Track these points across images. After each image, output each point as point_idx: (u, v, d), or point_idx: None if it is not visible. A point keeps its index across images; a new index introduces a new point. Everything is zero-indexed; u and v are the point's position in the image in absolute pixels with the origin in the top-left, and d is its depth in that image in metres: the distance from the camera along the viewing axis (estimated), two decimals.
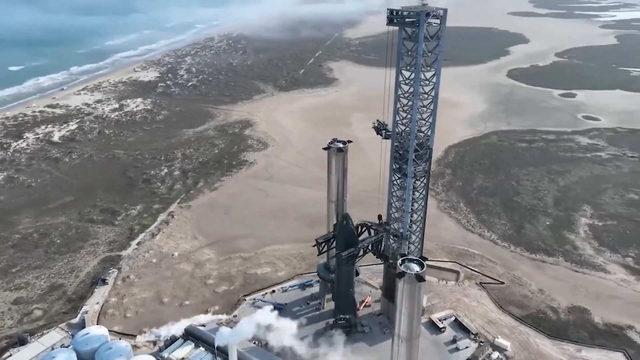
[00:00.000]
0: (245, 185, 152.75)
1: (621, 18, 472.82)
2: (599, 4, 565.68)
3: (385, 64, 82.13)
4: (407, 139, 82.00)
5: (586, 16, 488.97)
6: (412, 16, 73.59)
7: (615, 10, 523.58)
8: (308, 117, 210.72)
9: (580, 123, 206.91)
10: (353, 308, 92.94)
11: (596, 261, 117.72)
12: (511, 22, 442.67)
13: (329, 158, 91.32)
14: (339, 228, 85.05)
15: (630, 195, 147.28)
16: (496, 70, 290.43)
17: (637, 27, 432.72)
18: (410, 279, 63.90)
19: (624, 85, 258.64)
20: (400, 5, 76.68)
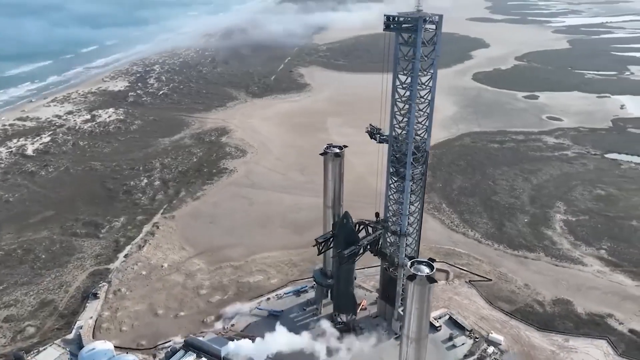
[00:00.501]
0: (227, 194, 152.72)
1: (570, 24, 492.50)
2: (549, 11, 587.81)
3: (383, 69, 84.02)
4: (404, 143, 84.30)
5: (539, 22, 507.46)
6: (409, 22, 75.92)
7: (564, 16, 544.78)
8: (284, 123, 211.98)
9: (545, 123, 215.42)
10: (354, 306, 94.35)
11: (573, 255, 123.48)
12: (470, 28, 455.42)
13: (325, 164, 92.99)
14: (339, 227, 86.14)
15: (597, 191, 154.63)
16: (462, 74, 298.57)
17: (585, 32, 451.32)
18: (422, 280, 66.16)
19: (580, 87, 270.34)
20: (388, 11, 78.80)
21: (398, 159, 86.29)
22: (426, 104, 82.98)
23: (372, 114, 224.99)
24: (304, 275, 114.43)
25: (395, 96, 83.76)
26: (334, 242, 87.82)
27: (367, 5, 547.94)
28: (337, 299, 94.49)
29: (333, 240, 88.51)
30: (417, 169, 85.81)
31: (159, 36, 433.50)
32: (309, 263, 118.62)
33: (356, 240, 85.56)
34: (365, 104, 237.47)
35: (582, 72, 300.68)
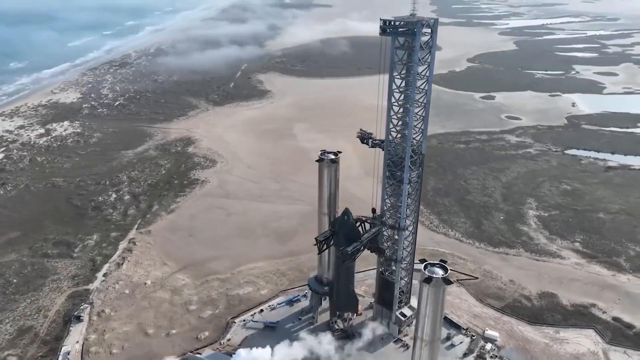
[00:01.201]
0: (202, 205, 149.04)
1: (514, 26, 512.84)
2: (492, 13, 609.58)
3: (379, 72, 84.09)
4: (399, 146, 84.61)
5: (484, 24, 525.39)
6: (407, 26, 76.19)
7: (507, 19, 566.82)
8: (250, 131, 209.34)
9: (505, 123, 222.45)
10: (355, 305, 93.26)
11: (551, 249, 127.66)
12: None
13: (320, 170, 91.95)
14: (339, 224, 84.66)
15: (563, 186, 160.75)
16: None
17: (529, 33, 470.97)
18: (438, 282, 66.40)
19: (533, 87, 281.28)
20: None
21: (394, 163, 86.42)
22: (422, 107, 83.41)
23: (338, 119, 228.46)
24: (294, 284, 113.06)
25: (391, 100, 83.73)
26: (334, 240, 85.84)
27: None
28: (338, 298, 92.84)
29: (333, 238, 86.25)
30: (413, 172, 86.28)
31: (106, 46, 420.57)
32: (297, 272, 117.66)
33: (357, 236, 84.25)
34: (329, 108, 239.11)
35: (532, 72, 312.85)
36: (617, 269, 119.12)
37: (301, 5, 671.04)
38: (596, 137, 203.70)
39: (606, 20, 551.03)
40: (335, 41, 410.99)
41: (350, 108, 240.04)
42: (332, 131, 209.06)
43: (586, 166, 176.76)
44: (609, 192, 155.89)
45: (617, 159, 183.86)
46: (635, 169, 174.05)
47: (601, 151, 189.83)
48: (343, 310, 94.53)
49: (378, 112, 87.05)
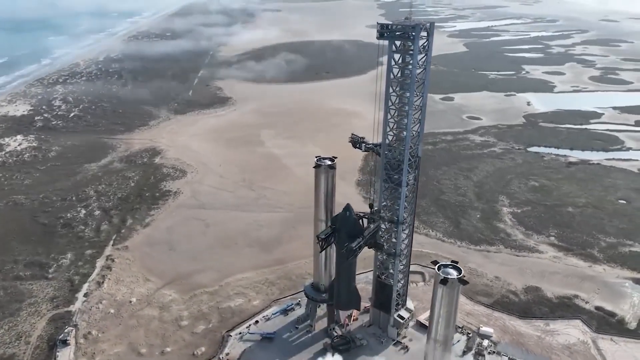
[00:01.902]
0: (178, 217, 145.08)
1: (461, 28, 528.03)
2: (439, 16, 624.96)
3: (376, 77, 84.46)
4: (396, 150, 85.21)
5: None
6: (405, 30, 76.70)
7: (454, 21, 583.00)
8: (217, 139, 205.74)
9: (467, 123, 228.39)
10: (358, 302, 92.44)
11: (529, 244, 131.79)
12: (372, 35, 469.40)
13: (317, 176, 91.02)
14: (341, 220, 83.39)
15: (531, 182, 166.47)
16: (379, 79, 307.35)
17: (477, 35, 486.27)
18: (454, 283, 67.15)
19: (488, 87, 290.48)
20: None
21: (391, 166, 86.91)
22: (418, 111, 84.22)
23: (304, 124, 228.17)
24: (285, 292, 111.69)
25: (388, 104, 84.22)
26: (336, 237, 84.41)
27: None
28: (339, 296, 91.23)
29: (334, 235, 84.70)
30: (410, 174, 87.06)
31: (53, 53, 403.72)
32: (287, 280, 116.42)
33: (360, 232, 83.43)
34: (293, 114, 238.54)
35: (485, 73, 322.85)
36: (592, 260, 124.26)
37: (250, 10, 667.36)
38: (554, 135, 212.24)
39: (546, 22, 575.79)
40: (289, 46, 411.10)
41: (315, 113, 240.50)
42: (300, 137, 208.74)
43: (549, 162, 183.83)
44: (573, 187, 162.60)
45: (576, 154, 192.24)
46: (594, 164, 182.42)
47: (560, 147, 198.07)
48: (345, 309, 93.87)
49: (375, 116, 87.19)
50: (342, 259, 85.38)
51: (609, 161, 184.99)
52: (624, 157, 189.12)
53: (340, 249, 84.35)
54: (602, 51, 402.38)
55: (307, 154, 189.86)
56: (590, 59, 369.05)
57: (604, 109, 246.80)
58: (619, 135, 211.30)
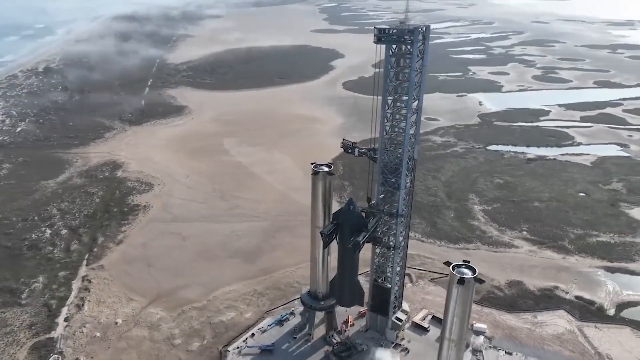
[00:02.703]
0: (152, 232, 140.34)
1: None
2: (380, 20, 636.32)
3: (374, 83, 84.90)
4: (392, 153, 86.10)
5: None
6: (403, 34, 77.52)
7: None
8: (179, 149, 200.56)
9: (426, 124, 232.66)
10: (361, 297, 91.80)
11: (504, 240, 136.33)
12: (319, 39, 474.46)
13: (314, 183, 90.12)
14: (344, 215, 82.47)
15: (496, 180, 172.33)
16: (331, 84, 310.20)
17: None
18: (470, 283, 68.45)
19: (440, 89, 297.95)
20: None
21: (388, 170, 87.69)
22: (414, 113, 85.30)
23: (266, 131, 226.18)
24: (276, 303, 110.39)
25: (385, 108, 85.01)
26: (338, 232, 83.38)
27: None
28: (342, 293, 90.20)
29: (337, 231, 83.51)
30: (407, 177, 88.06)
31: None
32: (276, 290, 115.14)
33: (364, 225, 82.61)
34: (254, 121, 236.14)
35: (435, 75, 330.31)
36: (565, 252, 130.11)
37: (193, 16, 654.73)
38: (509, 133, 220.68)
39: (483, 24, 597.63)
40: (238, 52, 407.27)
41: (275, 119, 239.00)
42: (264, 144, 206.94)
43: (509, 160, 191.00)
44: (536, 183, 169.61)
45: (532, 151, 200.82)
46: (550, 159, 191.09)
47: (518, 145, 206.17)
48: (348, 305, 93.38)
49: (373, 119, 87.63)
50: (346, 253, 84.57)
51: (564, 156, 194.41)
52: (576, 152, 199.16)
53: (344, 244, 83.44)
54: (539, 51, 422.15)
55: (275, 161, 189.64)
56: (530, 59, 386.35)
57: (550, 107, 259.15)
58: (568, 131, 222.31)
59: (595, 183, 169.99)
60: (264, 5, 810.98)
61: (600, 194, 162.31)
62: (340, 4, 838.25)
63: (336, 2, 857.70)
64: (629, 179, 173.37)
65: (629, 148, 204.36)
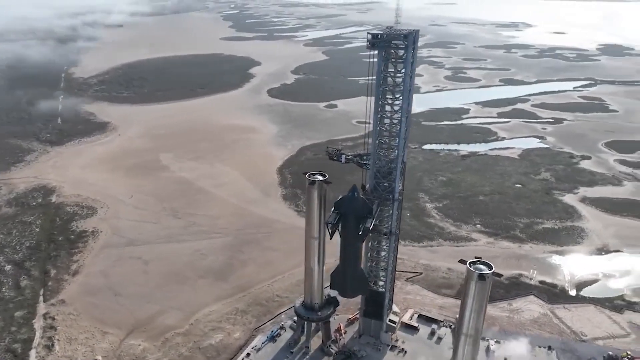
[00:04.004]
0: (109, 258, 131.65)
1: (313, 37, 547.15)
2: (287, 26, 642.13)
3: (368, 89, 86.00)
4: (385, 158, 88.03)
5: (285, 37, 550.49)
6: (398, 38, 79.47)
7: (303, 30, 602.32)
8: (114, 168, 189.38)
9: (360, 128, 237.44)
10: (365, 286, 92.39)
11: (462, 234, 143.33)
12: (231, 47, 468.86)
13: (310, 193, 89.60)
14: (348, 202, 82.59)
15: (439, 178, 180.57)
16: (256, 92, 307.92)
17: (330, 43, 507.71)
18: (489, 278, 71.76)
19: (362, 92, 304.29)
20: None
21: (381, 174, 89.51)
22: (405, 119, 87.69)
23: (202, 144, 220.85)
24: (263, 319, 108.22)
25: (377, 113, 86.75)
26: (342, 221, 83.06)
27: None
28: (345, 283, 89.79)
29: (341, 220, 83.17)
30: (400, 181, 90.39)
31: None
32: (258, 306, 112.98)
33: (369, 210, 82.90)
34: (186, 134, 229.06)
35: (354, 79, 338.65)
36: (519, 241, 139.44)
37: (93, 26, 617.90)
38: (439, 132, 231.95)
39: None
40: (150, 63, 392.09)
41: (208, 131, 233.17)
42: (204, 157, 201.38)
43: (446, 158, 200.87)
44: (476, 178, 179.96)
45: (463, 148, 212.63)
46: (482, 155, 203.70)
47: (449, 143, 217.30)
48: (353, 295, 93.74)
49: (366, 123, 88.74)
50: (350, 242, 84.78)
51: (493, 151, 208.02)
52: (502, 146, 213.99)
53: (348, 232, 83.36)
54: (444, 53, 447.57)
55: (220, 174, 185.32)
56: (438, 61, 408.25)
57: (468, 105, 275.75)
58: (490, 127, 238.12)
59: (527, 174, 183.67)
60: (164, 14, 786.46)
61: (534, 184, 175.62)
62: (242, 11, 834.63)
63: (237, 10, 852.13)
64: (554, 168, 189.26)
65: (546, 140, 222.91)
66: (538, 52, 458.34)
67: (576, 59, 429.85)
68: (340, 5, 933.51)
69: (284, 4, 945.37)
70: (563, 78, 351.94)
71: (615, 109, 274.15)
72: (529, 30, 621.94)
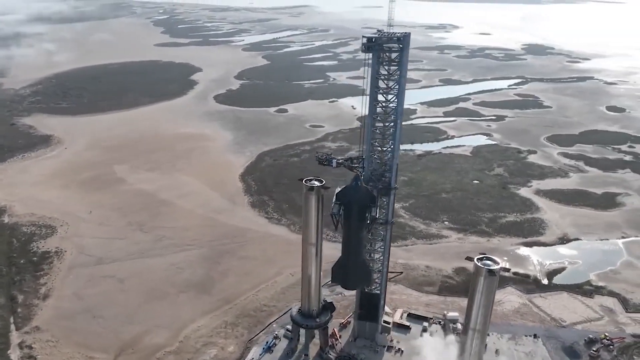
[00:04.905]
0: (80, 279, 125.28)
1: (250, 41, 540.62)
2: (222, 31, 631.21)
3: (363, 94, 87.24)
4: (378, 161, 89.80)
5: (222, 42, 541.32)
6: (393, 41, 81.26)
7: (239, 35, 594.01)
8: (66, 184, 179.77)
9: (314, 132, 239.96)
10: (369, 276, 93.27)
11: (432, 232, 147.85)
12: (167, 53, 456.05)
13: (307, 199, 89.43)
14: (351, 192, 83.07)
15: (401, 177, 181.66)
16: (202, 98, 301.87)
17: (269, 48, 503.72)
18: (498, 273, 74.97)
19: (311, 96, 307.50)
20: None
21: (375, 177, 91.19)
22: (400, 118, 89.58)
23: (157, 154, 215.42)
24: (255, 329, 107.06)
25: (372, 116, 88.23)
26: (345, 211, 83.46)
27: None
28: (348, 275, 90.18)
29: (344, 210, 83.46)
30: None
31: None
32: (247, 317, 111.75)
33: (373, 199, 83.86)
34: (138, 144, 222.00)
35: (300, 83, 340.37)
36: (487, 235, 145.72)
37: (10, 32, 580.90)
38: None
39: (320, 32, 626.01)
40: (85, 71, 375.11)
41: (160, 140, 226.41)
42: (161, 167, 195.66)
43: (403, 157, 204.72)
44: (435, 176, 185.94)
45: (417, 147, 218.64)
46: (437, 153, 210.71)
47: (404, 143, 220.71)
48: (356, 287, 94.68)
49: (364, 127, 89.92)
50: (355, 232, 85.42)
51: (446, 149, 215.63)
52: (454, 144, 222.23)
53: (351, 222, 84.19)
54: None
55: (181, 185, 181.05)
56: None
57: (414, 105, 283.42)
58: (439, 127, 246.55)
59: (482, 170, 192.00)
60: (88, 19, 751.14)
61: (490, 179, 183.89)
62: (172, 16, 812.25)
63: (167, 15, 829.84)
64: (505, 163, 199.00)
65: (493, 136, 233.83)
66: (469, 52, 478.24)
67: (505, 58, 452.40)
68: (271, 9, 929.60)
69: (213, 8, 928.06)
70: (497, 77, 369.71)
71: (549, 105, 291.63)
72: (457, 32, 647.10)
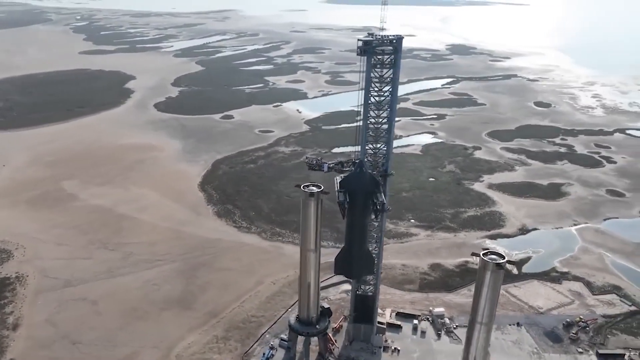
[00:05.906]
0: (50, 305, 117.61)
1: (180, 47, 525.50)
2: (148, 37, 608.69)
3: (358, 96, 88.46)
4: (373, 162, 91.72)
5: (150, 48, 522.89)
6: (388, 44, 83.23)
7: (167, 41, 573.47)
8: (12, 203, 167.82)
9: (265, 137, 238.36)
10: (372, 265, 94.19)
11: (402, 230, 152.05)
12: (94, 61, 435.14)
13: (307, 206, 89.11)
14: (356, 179, 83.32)
15: None
16: (142, 107, 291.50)
17: (200, 53, 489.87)
18: (504, 266, 78.71)
19: (254, 101, 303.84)
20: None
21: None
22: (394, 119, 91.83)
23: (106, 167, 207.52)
24: (248, 342, 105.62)
25: (367, 119, 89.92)
26: (349, 199, 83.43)
27: None
28: (351, 264, 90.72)
29: (348, 199, 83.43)
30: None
31: None
32: (238, 330, 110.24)
33: (377, 185, 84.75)
34: (82, 158, 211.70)
35: (240, 89, 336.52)
36: (453, 230, 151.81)
37: None
38: (341, 135, 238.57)
39: (249, 36, 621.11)
40: (7, 83, 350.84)
41: (107, 153, 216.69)
42: (113, 181, 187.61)
43: None
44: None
45: None
46: None
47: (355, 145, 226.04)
48: (360, 276, 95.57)
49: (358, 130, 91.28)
50: (360, 219, 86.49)
51: (396, 149, 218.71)
52: (403, 144, 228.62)
53: (355, 210, 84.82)
54: (315, 58, 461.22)
55: (138, 198, 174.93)
56: (313, 66, 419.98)
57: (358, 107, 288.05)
58: None
59: (435, 168, 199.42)
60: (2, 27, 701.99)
61: (444, 176, 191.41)
62: (92, 22, 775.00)
63: (86, 21, 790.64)
64: (455, 160, 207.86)
65: (438, 135, 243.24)
66: None
67: (432, 59, 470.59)
68: (195, 13, 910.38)
69: (134, 14, 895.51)
70: (429, 77, 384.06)
71: (483, 102, 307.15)
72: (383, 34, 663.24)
